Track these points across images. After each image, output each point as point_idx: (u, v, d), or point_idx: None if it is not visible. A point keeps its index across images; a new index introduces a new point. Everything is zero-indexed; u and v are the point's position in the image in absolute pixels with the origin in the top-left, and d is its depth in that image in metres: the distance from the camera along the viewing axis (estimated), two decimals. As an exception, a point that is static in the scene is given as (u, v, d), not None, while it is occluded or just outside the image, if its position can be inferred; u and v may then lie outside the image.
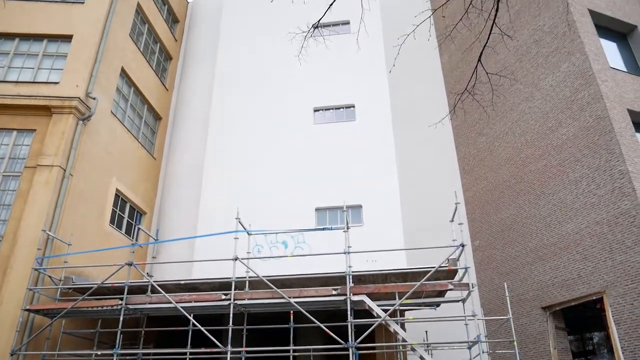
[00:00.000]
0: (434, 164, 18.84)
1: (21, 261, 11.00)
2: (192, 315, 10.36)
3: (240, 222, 10.98)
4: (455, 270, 10.11)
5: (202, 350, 10.26)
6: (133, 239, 15.75)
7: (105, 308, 10.61)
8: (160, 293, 10.30)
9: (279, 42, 18.53)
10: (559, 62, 14.75)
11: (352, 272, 9.90)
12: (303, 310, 9.66)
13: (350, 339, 9.24)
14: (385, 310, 9.54)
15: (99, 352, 10.77)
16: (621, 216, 11.95)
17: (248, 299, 10.18)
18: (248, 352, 10.33)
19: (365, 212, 15.34)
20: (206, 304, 10.32)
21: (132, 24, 16.84)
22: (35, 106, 12.79)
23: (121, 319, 10.36)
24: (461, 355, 11.60)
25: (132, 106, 16.70)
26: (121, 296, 10.51)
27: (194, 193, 17.23)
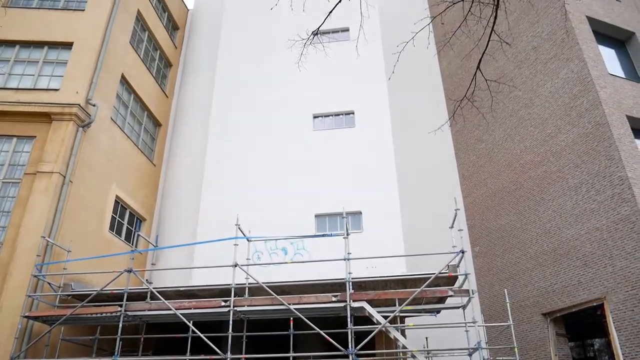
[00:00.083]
0: (433, 171, 18.85)
1: (20, 268, 10.98)
2: (192, 322, 10.33)
3: (239, 229, 10.97)
4: (456, 277, 10.10)
5: (202, 357, 10.21)
6: (133, 245, 15.76)
7: (104, 315, 10.58)
8: (160, 300, 10.26)
9: (278, 49, 18.60)
10: (558, 69, 14.81)
11: (352, 279, 9.88)
12: (303, 317, 9.63)
13: (350, 346, 9.20)
14: (385, 317, 9.51)
15: (98, 360, 10.74)
16: (621, 222, 11.95)
17: (248, 306, 10.14)
18: (248, 359, 10.29)
19: (365, 219, 15.33)
20: (206, 311, 10.28)
21: (133, 31, 16.91)
22: (35, 113, 12.81)
23: (120, 325, 10.31)
24: (462, 362, 11.55)
25: (132, 113, 16.73)
26: (120, 303, 10.47)
27: (194, 200, 17.23)
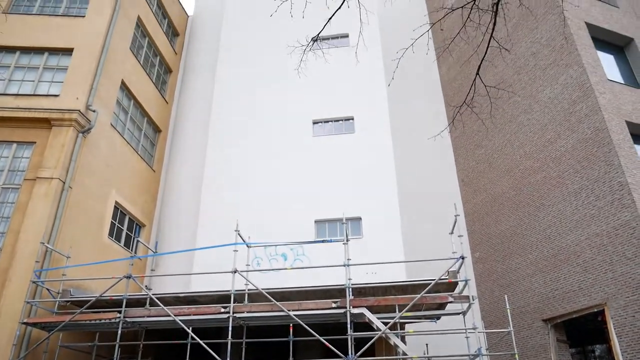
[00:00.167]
0: (433, 176, 18.86)
1: (19, 274, 10.95)
2: (191, 328, 10.30)
3: (239, 235, 10.96)
4: (456, 283, 10.07)
5: (201, 364, 10.19)
6: (132, 251, 15.73)
7: (103, 321, 10.54)
8: (159, 306, 10.23)
9: (278, 55, 18.66)
10: (557, 75, 14.84)
11: (352, 285, 9.86)
12: (302, 323, 9.60)
13: (350, 352, 9.17)
14: (385, 323, 9.48)
15: (97, 366, 10.69)
16: (621, 228, 11.94)
17: (247, 312, 10.11)
18: (247, 366, 10.25)
19: (364, 225, 15.31)
20: (205, 317, 10.25)
21: (133, 38, 16.97)
22: (35, 119, 12.82)
23: (119, 332, 10.27)
24: (462, 368, 11.50)
25: (132, 119, 16.75)
26: (119, 309, 10.44)
27: (193, 205, 17.22)
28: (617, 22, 16.17)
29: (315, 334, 9.40)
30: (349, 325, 9.35)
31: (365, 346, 9.20)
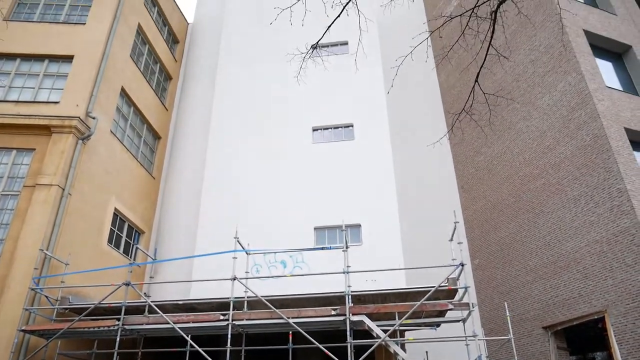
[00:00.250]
0: (432, 183, 18.88)
1: (18, 281, 10.91)
2: (190, 335, 10.25)
3: (238, 242, 10.94)
4: (455, 290, 10.05)
5: (200, 371, 10.13)
6: (131, 258, 15.69)
7: (102, 329, 10.50)
8: (158, 313, 10.20)
9: (278, 63, 18.71)
10: (556, 82, 14.89)
11: (352, 292, 9.84)
12: (302, 331, 9.57)
13: (349, 360, 9.14)
14: (385, 331, 9.45)
15: (95, 374, 10.63)
16: (621, 234, 11.93)
17: (246, 320, 10.08)
18: (246, 374, 10.20)
19: (364, 232, 15.29)
20: (204, 325, 10.21)
21: (133, 45, 17.03)
22: (35, 125, 12.84)
23: (118, 339, 10.23)
24: (462, 376, 11.45)
25: (132, 125, 16.77)
26: (118, 316, 10.41)
27: (193, 212, 17.20)
28: (615, 30, 16.25)
29: (315, 342, 9.37)
30: (348, 333, 9.32)
31: (365, 354, 9.16)
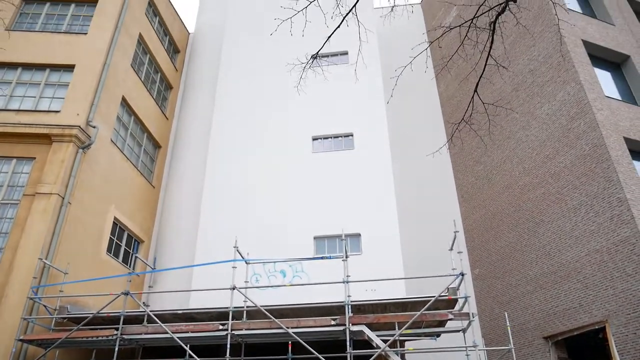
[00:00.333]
0: (432, 192, 18.88)
1: (16, 290, 10.87)
2: (189, 345, 10.19)
3: (238, 251, 10.92)
4: (455, 300, 10.01)
5: (199, 382, 10.06)
6: (130, 267, 15.65)
7: (100, 338, 10.44)
8: (157, 323, 10.15)
9: (278, 72, 18.80)
10: (555, 91, 14.95)
11: (351, 302, 9.80)
12: (301, 341, 9.52)
13: (349, 371, 9.08)
14: (385, 341, 9.40)
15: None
16: (621, 244, 11.91)
17: (246, 329, 10.04)
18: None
19: (364, 241, 15.25)
20: (203, 335, 10.16)
21: (134, 54, 17.12)
22: (35, 134, 12.87)
23: (116, 349, 10.17)
24: (463, 387, 11.37)
25: (132, 135, 16.81)
26: (117, 326, 10.36)
27: (192, 221, 17.18)
28: (614, 40, 16.34)
29: (314, 352, 9.31)
30: (348, 343, 9.27)
31: (365, 364, 9.12)
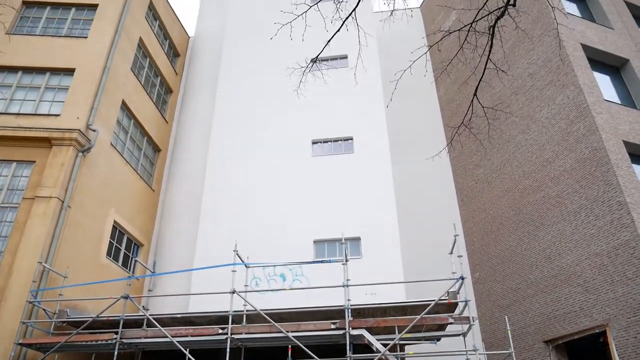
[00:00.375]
0: (432, 196, 18.88)
1: (16, 294, 10.86)
2: (189, 349, 10.16)
3: (238, 255, 10.91)
4: (456, 304, 10.00)
5: (198, 386, 10.03)
6: (130, 271, 15.62)
7: (99, 342, 10.42)
8: (156, 327, 10.13)
9: (278, 76, 18.82)
10: (554, 95, 14.97)
11: (351, 306, 9.79)
12: (301, 345, 9.50)
13: (349, 375, 9.06)
14: (385, 345, 9.39)
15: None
16: (621, 247, 11.90)
17: (245, 333, 10.02)
18: (245, 389, 10.11)
19: (364, 245, 15.25)
20: (203, 339, 10.15)
21: (134, 58, 17.15)
22: (35, 138, 12.88)
23: (116, 353, 10.15)
24: (463, 391, 11.34)
25: (132, 138, 16.82)
26: (116, 330, 10.34)
27: (192, 225, 17.17)
28: (612, 44, 16.37)
29: (314, 356, 9.29)
30: (348, 347, 9.25)
31: (365, 368, 9.09)
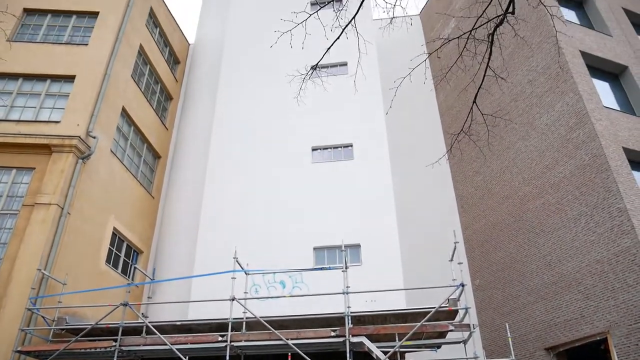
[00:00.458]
0: (432, 203, 18.87)
1: (14, 301, 10.82)
2: (188, 357, 10.11)
3: (237, 262, 10.89)
4: (456, 311, 9.97)
5: (197, 394, 9.98)
6: (129, 278, 15.57)
7: (98, 350, 10.37)
8: (156, 334, 10.09)
9: (278, 83, 18.86)
10: (553, 102, 15.01)
11: (351, 313, 9.76)
12: (301, 352, 9.45)
13: (349, 383, 9.01)
14: (385, 352, 9.34)
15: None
16: (622, 254, 11.88)
17: (245, 341, 9.98)
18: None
19: (364, 252, 15.22)
20: (202, 346, 10.10)
21: (134, 65, 17.21)
22: (35, 144, 12.89)
23: (114, 361, 10.11)
24: (464, 399, 11.27)
25: (132, 145, 16.84)
26: (115, 337, 10.29)
27: (192, 232, 17.14)
28: (611, 51, 16.44)
29: (314, 364, 9.25)
30: (348, 355, 9.21)
31: (365, 376, 9.05)
